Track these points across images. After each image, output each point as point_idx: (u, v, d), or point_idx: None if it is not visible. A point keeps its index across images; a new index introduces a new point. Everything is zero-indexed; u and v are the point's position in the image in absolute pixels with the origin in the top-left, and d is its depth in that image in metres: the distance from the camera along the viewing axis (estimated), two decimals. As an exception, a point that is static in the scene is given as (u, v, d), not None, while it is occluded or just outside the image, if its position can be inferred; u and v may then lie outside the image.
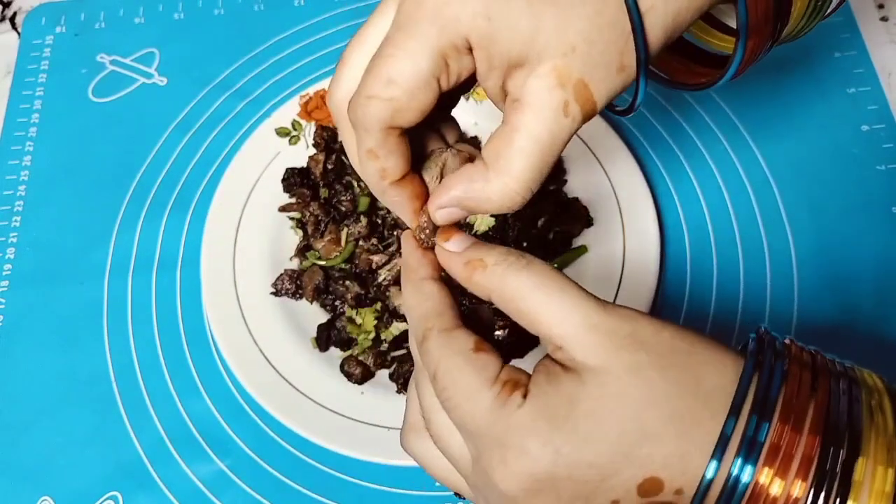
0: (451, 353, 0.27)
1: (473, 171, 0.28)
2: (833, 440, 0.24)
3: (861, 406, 0.25)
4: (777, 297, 0.51)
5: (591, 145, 0.55)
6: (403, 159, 0.29)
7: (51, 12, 0.68)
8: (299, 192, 0.54)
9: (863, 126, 0.57)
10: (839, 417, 0.24)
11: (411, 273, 0.30)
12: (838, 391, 0.25)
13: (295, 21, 0.65)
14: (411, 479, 0.46)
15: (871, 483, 0.24)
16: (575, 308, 0.26)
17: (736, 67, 0.32)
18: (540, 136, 0.27)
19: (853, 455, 0.24)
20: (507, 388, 0.26)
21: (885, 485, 0.23)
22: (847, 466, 0.23)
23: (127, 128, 0.61)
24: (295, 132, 0.57)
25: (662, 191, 0.55)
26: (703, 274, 0.52)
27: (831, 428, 0.24)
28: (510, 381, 0.26)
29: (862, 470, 0.24)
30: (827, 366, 0.26)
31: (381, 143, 0.28)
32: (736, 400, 0.24)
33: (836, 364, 0.27)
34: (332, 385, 0.48)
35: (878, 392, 0.26)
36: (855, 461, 0.24)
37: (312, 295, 0.51)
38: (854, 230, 0.53)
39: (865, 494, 0.23)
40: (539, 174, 0.28)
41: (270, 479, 0.47)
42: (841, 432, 0.24)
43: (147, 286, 0.54)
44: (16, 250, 0.56)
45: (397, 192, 0.30)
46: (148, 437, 0.49)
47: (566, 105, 0.27)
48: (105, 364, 0.51)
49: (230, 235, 0.53)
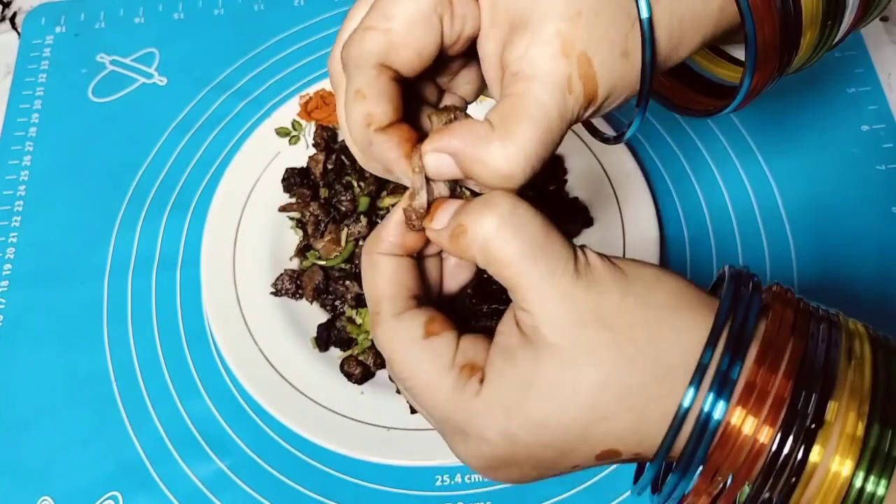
0: (403, 341, 0.27)
1: (479, 126, 0.26)
2: (807, 382, 0.24)
3: (839, 351, 0.25)
4: (777, 297, 0.51)
5: (590, 145, 0.55)
6: (393, 107, 0.27)
7: (51, 12, 0.68)
8: (299, 192, 0.54)
9: (863, 126, 0.57)
10: (816, 360, 0.24)
11: (369, 245, 0.28)
12: (818, 333, 0.25)
13: (295, 21, 0.65)
14: (411, 479, 0.46)
15: (841, 427, 0.24)
16: (549, 274, 0.25)
17: (741, 100, 0.32)
18: (548, 105, 0.26)
19: (825, 398, 0.24)
20: (463, 373, 0.26)
21: (856, 430, 0.23)
22: (819, 409, 0.24)
23: (127, 128, 0.61)
24: (295, 132, 0.57)
25: (662, 191, 0.55)
26: (703, 274, 0.52)
27: (806, 370, 0.24)
28: (466, 365, 0.26)
29: (833, 412, 0.24)
30: (809, 308, 0.26)
31: (372, 82, 0.26)
32: (712, 336, 0.24)
33: (820, 309, 0.27)
34: (332, 385, 0.48)
35: (860, 337, 0.26)
36: (826, 404, 0.24)
37: (312, 295, 0.51)
38: (854, 230, 0.53)
39: (835, 438, 0.23)
40: (543, 150, 0.26)
41: (270, 479, 0.47)
42: (816, 375, 0.24)
43: (147, 286, 0.54)
44: (16, 250, 0.56)
45: (384, 138, 0.27)
46: (148, 437, 0.49)
47: (570, 80, 0.26)
48: (105, 364, 0.51)
49: (230, 235, 0.53)
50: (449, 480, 0.47)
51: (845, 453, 0.23)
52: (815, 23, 0.30)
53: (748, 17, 0.28)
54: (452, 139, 0.26)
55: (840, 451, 0.24)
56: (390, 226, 0.28)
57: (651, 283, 0.25)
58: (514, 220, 0.25)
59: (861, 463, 0.23)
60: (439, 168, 0.27)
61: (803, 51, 0.31)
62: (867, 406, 0.24)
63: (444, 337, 0.27)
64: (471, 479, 0.46)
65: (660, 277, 0.26)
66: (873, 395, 0.24)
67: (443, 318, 0.27)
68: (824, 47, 0.33)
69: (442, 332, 0.27)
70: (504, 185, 0.26)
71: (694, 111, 0.35)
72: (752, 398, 0.24)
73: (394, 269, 0.28)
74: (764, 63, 0.30)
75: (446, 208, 0.27)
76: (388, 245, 0.28)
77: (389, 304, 0.27)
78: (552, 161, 0.54)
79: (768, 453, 0.24)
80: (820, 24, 0.30)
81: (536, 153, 0.26)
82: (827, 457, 0.24)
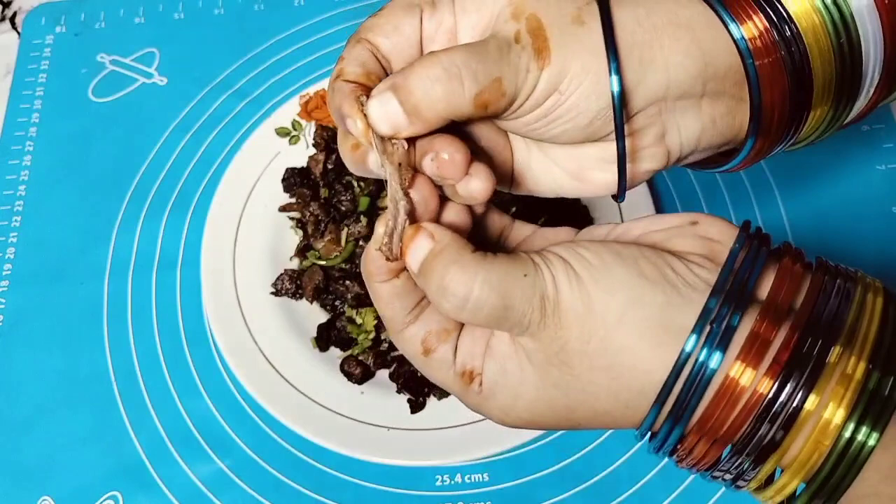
0: (411, 354, 0.30)
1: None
2: (812, 333, 0.24)
3: (850, 302, 0.25)
4: (777, 297, 0.51)
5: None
6: (363, 71, 0.29)
7: (51, 12, 0.68)
8: (299, 192, 0.54)
9: (863, 126, 0.57)
10: (826, 313, 0.25)
11: (364, 273, 0.30)
12: (831, 286, 0.26)
13: (295, 21, 0.65)
14: (411, 479, 0.46)
15: (841, 372, 0.24)
16: (519, 328, 0.27)
17: (742, 159, 0.32)
18: (489, 43, 0.27)
19: (828, 345, 0.24)
20: (465, 378, 0.29)
21: (855, 373, 0.24)
22: (821, 356, 0.24)
23: (127, 128, 0.61)
24: (295, 132, 0.57)
25: (663, 191, 0.56)
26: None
27: (812, 323, 0.25)
28: (465, 373, 0.29)
29: (835, 355, 0.24)
30: (823, 263, 0.27)
31: (351, 50, 0.29)
32: (716, 286, 0.26)
33: (839, 266, 0.27)
34: (332, 385, 0.48)
35: (874, 290, 0.26)
36: (828, 350, 0.24)
37: (312, 295, 0.51)
38: (854, 230, 0.53)
39: (832, 384, 0.24)
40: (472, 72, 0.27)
41: (270, 479, 0.47)
42: (822, 328, 0.25)
43: (147, 286, 0.54)
44: (16, 250, 0.56)
45: (342, 84, 0.28)
46: (148, 437, 0.49)
47: (518, 34, 0.28)
48: (105, 364, 0.51)
49: (230, 235, 0.53)
50: (449, 480, 0.47)
51: (839, 400, 0.24)
52: (828, 93, 0.30)
53: (753, 79, 0.29)
54: (388, 79, 0.28)
55: (834, 396, 0.24)
56: (368, 260, 0.29)
57: (614, 321, 0.26)
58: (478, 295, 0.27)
59: (854, 411, 0.23)
60: (384, 112, 0.28)
61: (814, 121, 0.32)
62: (868, 354, 0.24)
63: (440, 351, 0.29)
64: (471, 479, 0.47)
65: (626, 312, 0.26)
66: (877, 344, 0.24)
67: (440, 327, 0.29)
68: (836, 122, 0.33)
69: (438, 348, 0.29)
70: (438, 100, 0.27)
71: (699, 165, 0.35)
72: (753, 350, 0.24)
73: (387, 292, 0.29)
74: (768, 132, 0.30)
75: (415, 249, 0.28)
76: (375, 276, 0.29)
77: (391, 324, 0.30)
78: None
79: (764, 400, 0.24)
80: (833, 94, 0.31)
81: (467, 69, 0.27)
82: (822, 403, 0.24)
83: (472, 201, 0.29)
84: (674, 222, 0.29)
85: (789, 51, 0.29)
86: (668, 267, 0.27)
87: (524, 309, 0.26)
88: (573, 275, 0.27)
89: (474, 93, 0.27)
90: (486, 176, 0.28)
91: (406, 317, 0.29)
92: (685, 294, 0.26)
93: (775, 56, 0.29)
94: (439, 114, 0.28)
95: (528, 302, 0.26)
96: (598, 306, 0.26)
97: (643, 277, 0.26)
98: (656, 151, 0.31)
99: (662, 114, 0.30)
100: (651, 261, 0.27)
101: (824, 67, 0.30)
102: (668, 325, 0.26)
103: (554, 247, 0.28)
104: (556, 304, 0.26)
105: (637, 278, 0.26)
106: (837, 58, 0.30)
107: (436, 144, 0.28)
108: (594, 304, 0.26)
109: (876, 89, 0.32)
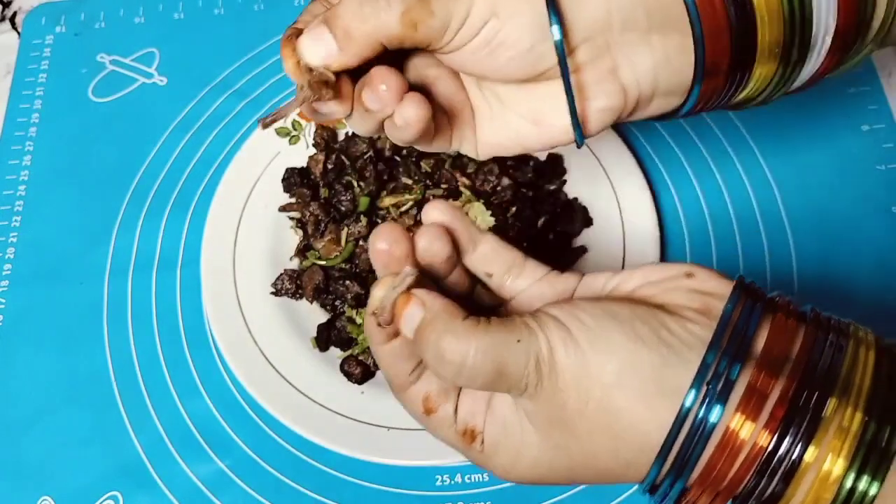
0: (413, 412, 0.31)
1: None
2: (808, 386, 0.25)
3: (843, 355, 0.25)
4: (777, 297, 0.51)
5: (591, 145, 0.55)
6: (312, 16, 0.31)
7: (51, 12, 0.68)
8: (299, 192, 0.54)
9: (863, 126, 0.57)
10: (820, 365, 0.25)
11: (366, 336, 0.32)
12: (823, 339, 0.26)
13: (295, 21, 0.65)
14: (411, 478, 0.46)
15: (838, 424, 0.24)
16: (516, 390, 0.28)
17: (690, 106, 0.33)
18: None
19: (824, 397, 0.24)
20: (466, 437, 0.30)
21: (852, 425, 0.24)
22: (817, 408, 0.24)
23: (127, 128, 0.61)
24: (295, 132, 0.57)
25: (662, 190, 0.55)
26: (703, 274, 0.52)
27: (808, 374, 0.25)
28: (466, 432, 0.30)
29: (831, 409, 0.24)
30: (816, 315, 0.27)
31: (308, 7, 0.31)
32: (714, 341, 0.26)
33: (832, 319, 0.27)
34: (332, 385, 0.48)
35: (866, 344, 0.26)
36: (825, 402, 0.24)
37: (312, 295, 0.51)
38: (854, 230, 0.53)
39: (830, 436, 0.24)
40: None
41: (270, 479, 0.47)
42: (817, 379, 0.25)
43: (147, 286, 0.54)
44: (16, 250, 0.56)
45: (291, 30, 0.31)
46: (148, 437, 0.49)
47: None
48: (105, 364, 0.51)
49: (230, 235, 0.53)
50: (449, 480, 0.47)
51: (838, 451, 0.24)
52: (772, 52, 0.31)
53: (696, 25, 0.29)
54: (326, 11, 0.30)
55: (833, 448, 0.24)
56: (366, 324, 0.30)
57: (611, 384, 0.26)
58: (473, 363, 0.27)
59: (854, 462, 0.24)
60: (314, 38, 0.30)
61: (761, 79, 0.32)
62: (864, 405, 0.24)
63: (441, 411, 0.30)
64: (471, 479, 0.46)
65: (622, 375, 0.26)
66: (871, 396, 0.24)
67: (439, 389, 0.30)
68: (782, 85, 0.33)
69: (439, 407, 0.30)
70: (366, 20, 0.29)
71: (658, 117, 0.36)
72: (752, 403, 0.25)
73: (388, 353, 0.30)
74: (712, 71, 0.31)
75: (407, 317, 0.28)
76: (375, 338, 0.30)
77: (394, 383, 0.31)
78: (552, 161, 0.54)
79: (764, 453, 0.24)
80: (779, 56, 0.31)
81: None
82: (821, 455, 0.24)
83: (409, 130, 0.30)
84: (669, 273, 0.29)
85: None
86: (663, 328, 0.27)
87: (519, 374, 0.27)
88: (569, 338, 0.27)
89: (401, 10, 0.28)
90: (418, 101, 0.30)
91: (408, 377, 0.30)
92: (680, 353, 0.26)
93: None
94: (369, 34, 0.29)
95: (524, 367, 0.27)
96: (594, 369, 0.26)
97: (639, 340, 0.26)
98: (610, 88, 0.31)
99: (611, 48, 0.30)
100: (646, 321, 0.27)
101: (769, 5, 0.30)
102: (663, 386, 0.26)
103: (550, 307, 0.28)
104: (552, 367, 0.27)
105: (633, 342, 0.26)
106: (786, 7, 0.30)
107: (373, 77, 0.30)
108: (590, 366, 0.26)
109: (826, 57, 0.32)
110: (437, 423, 0.30)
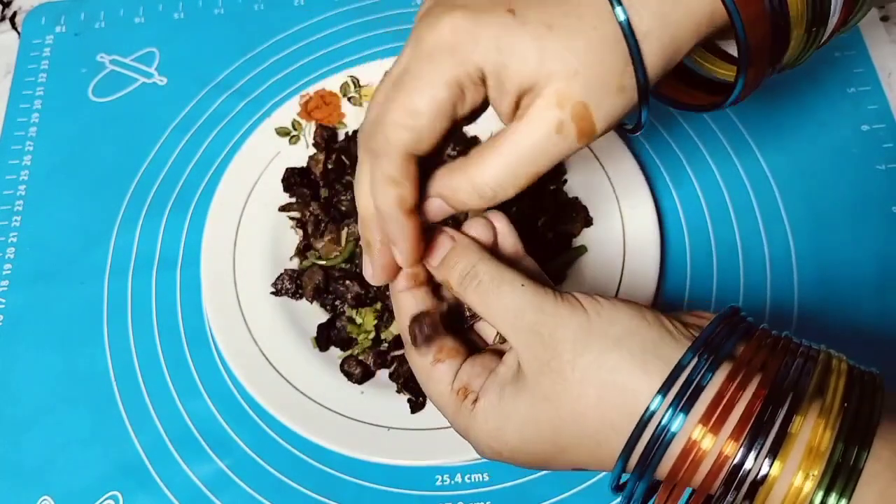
0: (419, 367, 0.33)
1: (456, 162, 0.31)
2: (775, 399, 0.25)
3: (810, 378, 0.26)
4: (777, 298, 0.51)
5: (590, 145, 0.54)
6: (417, 186, 0.31)
7: (51, 12, 0.68)
8: (299, 191, 0.54)
9: (863, 126, 0.57)
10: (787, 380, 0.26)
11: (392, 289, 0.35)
12: (791, 361, 0.27)
13: (295, 21, 0.65)
14: (411, 479, 0.46)
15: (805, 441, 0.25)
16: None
17: (737, 95, 0.33)
18: (522, 144, 0.29)
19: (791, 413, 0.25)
20: (459, 395, 0.31)
21: (820, 444, 0.24)
22: (784, 424, 0.25)
23: (127, 128, 0.61)
24: (295, 132, 0.57)
25: (662, 191, 0.55)
26: (702, 274, 0.52)
27: (775, 389, 0.26)
28: (461, 389, 0.31)
29: (798, 426, 0.25)
30: (789, 341, 0.28)
31: (402, 169, 0.30)
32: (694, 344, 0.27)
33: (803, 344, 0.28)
34: (332, 385, 0.48)
35: (837, 373, 0.27)
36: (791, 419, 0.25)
37: (312, 295, 0.51)
38: (854, 230, 0.53)
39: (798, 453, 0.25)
40: (514, 179, 0.30)
41: (270, 479, 0.47)
42: (784, 393, 0.26)
43: (147, 286, 0.54)
44: (16, 250, 0.56)
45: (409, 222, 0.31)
46: (148, 437, 0.49)
47: (561, 124, 0.29)
48: (105, 364, 0.51)
49: (230, 235, 0.53)
50: (449, 480, 0.47)
51: (808, 468, 0.24)
52: (802, 22, 0.31)
53: (737, 19, 0.29)
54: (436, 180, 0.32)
55: (803, 466, 0.24)
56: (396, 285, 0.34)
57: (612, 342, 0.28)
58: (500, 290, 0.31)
59: (823, 479, 0.24)
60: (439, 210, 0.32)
61: (793, 49, 0.32)
62: (833, 423, 0.25)
63: (446, 364, 0.32)
64: (471, 479, 0.47)
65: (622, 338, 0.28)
66: (840, 414, 0.25)
67: (453, 346, 0.33)
68: (813, 46, 0.34)
69: (446, 360, 0.32)
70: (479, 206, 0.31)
71: (691, 106, 0.37)
72: (717, 414, 0.25)
73: (411, 303, 0.33)
74: (756, 61, 0.31)
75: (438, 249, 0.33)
76: (398, 286, 0.33)
77: (406, 335, 0.33)
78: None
79: (730, 465, 0.25)
80: (806, 24, 0.32)
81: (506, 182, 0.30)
82: (789, 471, 0.24)
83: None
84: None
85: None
86: (666, 319, 0.29)
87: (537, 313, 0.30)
88: (577, 305, 0.29)
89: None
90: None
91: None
92: (678, 338, 0.28)
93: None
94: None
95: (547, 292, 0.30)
96: (596, 328, 0.28)
97: (644, 320, 0.29)
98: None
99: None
100: (653, 312, 0.29)
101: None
102: (660, 353, 0.27)
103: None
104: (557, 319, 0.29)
105: (637, 319, 0.29)
106: None
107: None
108: (593, 327, 0.28)
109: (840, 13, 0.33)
110: (438, 376, 0.32)
